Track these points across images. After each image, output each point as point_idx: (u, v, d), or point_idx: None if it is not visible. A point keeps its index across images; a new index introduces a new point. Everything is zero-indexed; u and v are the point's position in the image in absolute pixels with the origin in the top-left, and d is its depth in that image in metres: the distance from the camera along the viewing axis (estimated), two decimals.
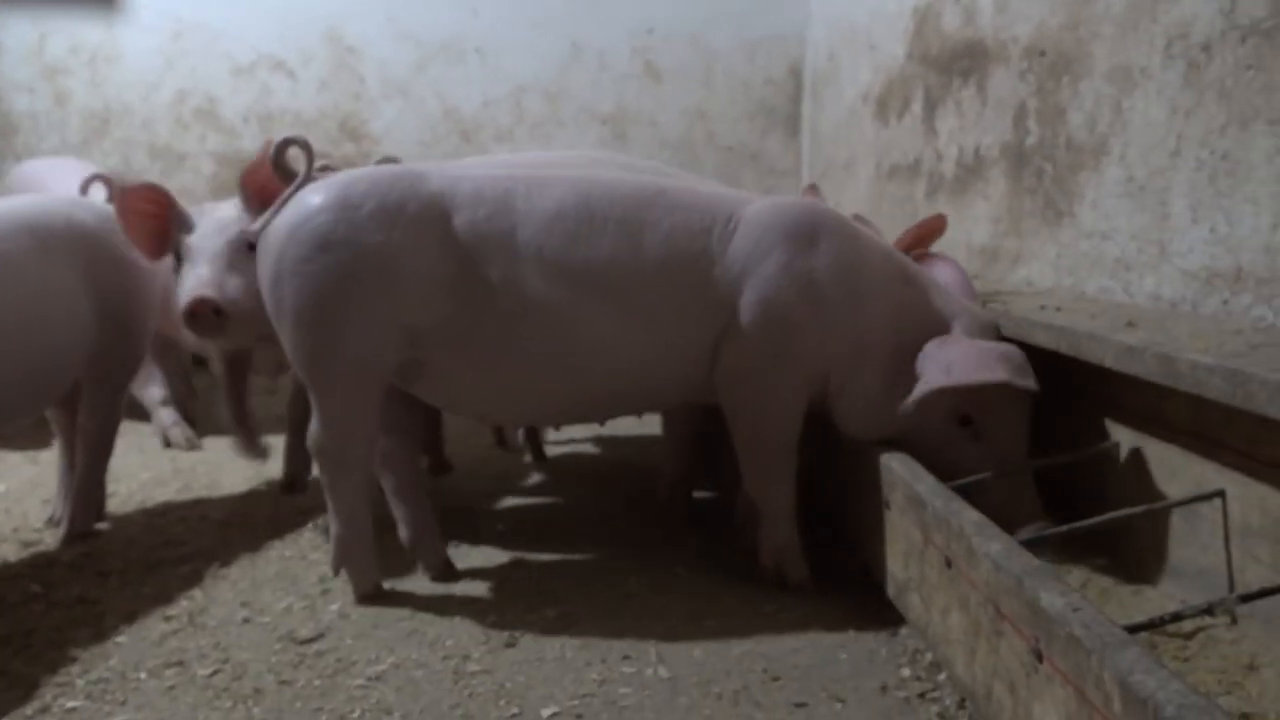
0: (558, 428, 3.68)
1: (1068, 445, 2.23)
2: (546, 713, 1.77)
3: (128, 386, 2.83)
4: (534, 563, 2.55)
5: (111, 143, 5.74)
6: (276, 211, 2.24)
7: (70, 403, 2.74)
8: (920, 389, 2.10)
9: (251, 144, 5.58)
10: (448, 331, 2.17)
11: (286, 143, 2.65)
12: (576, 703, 1.80)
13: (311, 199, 2.18)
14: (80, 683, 1.89)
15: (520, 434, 3.60)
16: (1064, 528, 1.87)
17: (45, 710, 1.79)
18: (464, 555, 2.59)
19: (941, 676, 1.85)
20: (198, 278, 2.46)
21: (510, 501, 3.07)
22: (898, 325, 2.20)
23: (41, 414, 2.68)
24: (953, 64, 3.52)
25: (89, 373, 2.66)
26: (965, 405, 2.15)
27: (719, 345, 2.21)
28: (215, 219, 2.58)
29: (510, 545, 2.67)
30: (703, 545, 2.62)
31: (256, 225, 2.28)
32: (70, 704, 1.82)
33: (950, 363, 2.07)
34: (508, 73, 5.74)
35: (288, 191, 2.31)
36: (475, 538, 2.73)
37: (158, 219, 2.57)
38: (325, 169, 3.10)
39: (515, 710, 1.78)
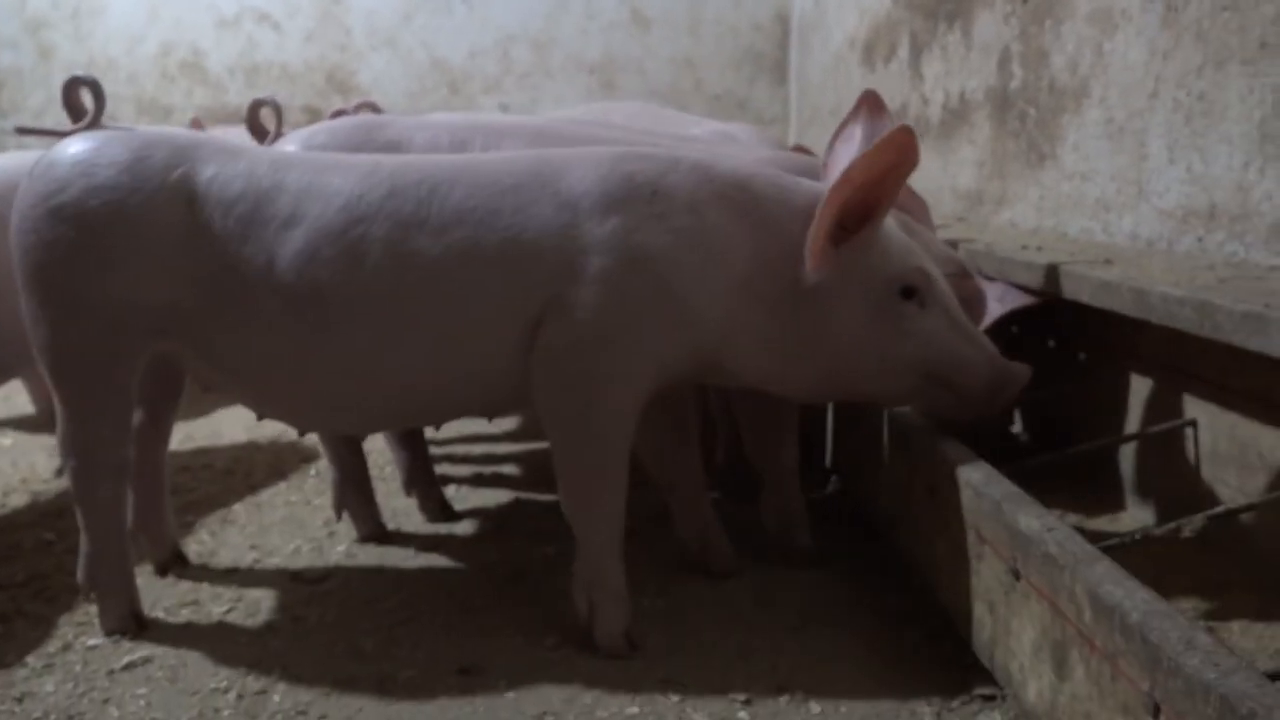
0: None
1: (1049, 382, 2.30)
2: (550, 642, 1.85)
3: None
4: (531, 503, 2.63)
5: None
6: None
7: None
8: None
9: (238, 98, 5.58)
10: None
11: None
12: (579, 632, 1.88)
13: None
14: (99, 622, 1.96)
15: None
16: (1045, 458, 1.94)
17: (67, 648, 1.87)
18: (463, 497, 2.66)
19: None
20: None
21: (508, 445, 3.14)
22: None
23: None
24: (938, 8, 3.54)
25: None
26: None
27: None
28: None
29: (508, 486, 2.75)
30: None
31: None
32: (91, 642, 1.89)
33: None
34: (495, 22, 5.73)
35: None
36: (475, 480, 2.80)
37: None
38: (362, 107, 3.13)
39: (520, 640, 1.86)
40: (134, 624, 1.93)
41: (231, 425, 3.39)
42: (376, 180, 1.80)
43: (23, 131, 2.96)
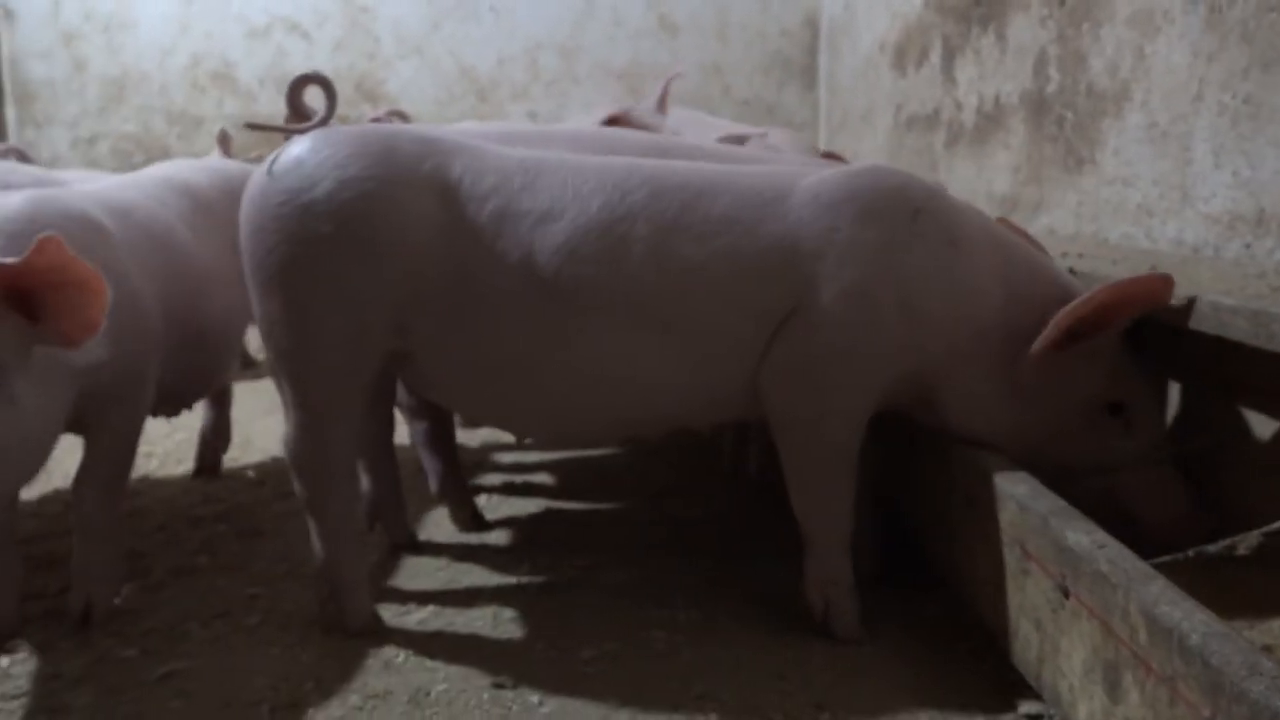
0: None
1: None
2: (586, 654, 1.83)
3: None
4: (563, 513, 2.61)
5: (130, 109, 5.77)
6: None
7: None
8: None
9: (268, 107, 5.61)
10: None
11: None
12: (614, 645, 1.86)
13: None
14: (133, 632, 1.95)
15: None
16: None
17: (101, 660, 1.86)
18: (494, 506, 2.65)
19: None
20: None
21: (537, 454, 3.12)
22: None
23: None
24: (971, 11, 3.49)
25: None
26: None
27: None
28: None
29: (538, 496, 2.73)
30: (725, 505, 2.67)
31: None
32: (125, 653, 1.88)
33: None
34: (523, 30, 5.73)
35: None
36: (506, 489, 2.79)
37: None
38: (392, 115, 3.11)
39: (554, 654, 1.84)
40: (377, 623, 1.95)
41: (262, 435, 3.39)
42: (637, 181, 1.83)
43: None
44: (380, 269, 1.78)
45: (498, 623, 1.98)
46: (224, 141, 3.96)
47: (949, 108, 3.76)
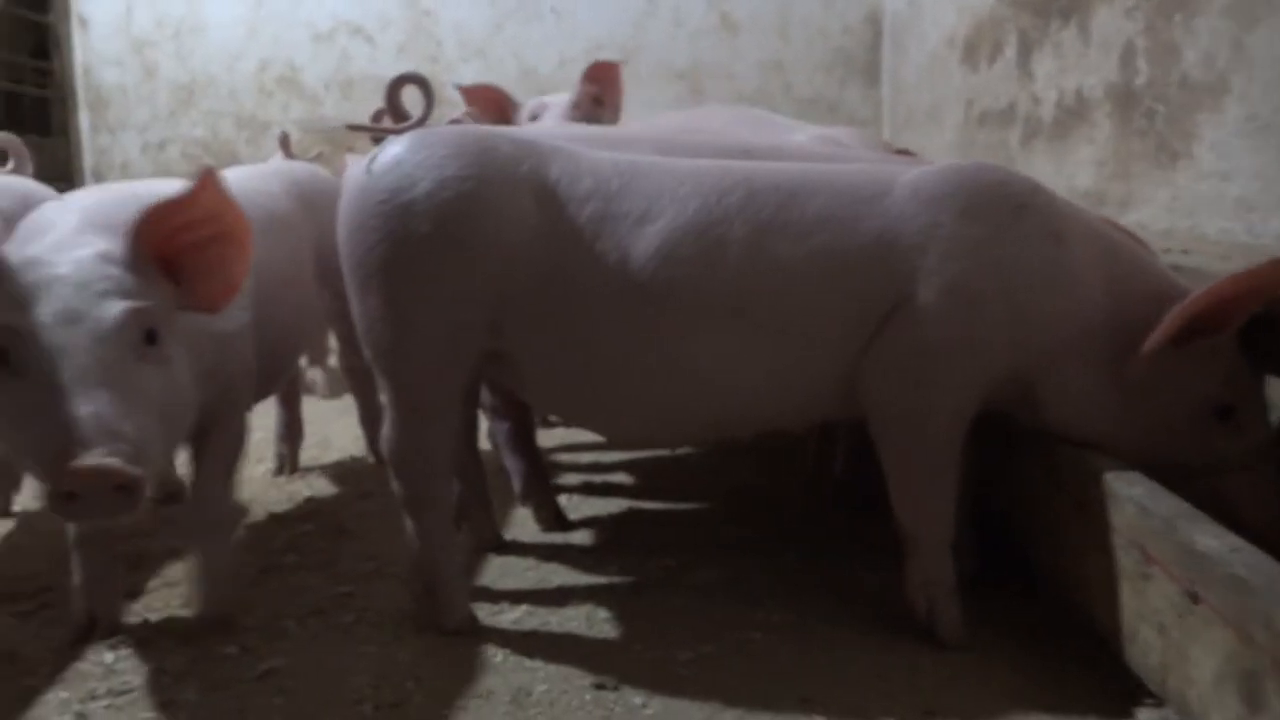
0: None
1: None
2: (683, 656, 1.81)
3: None
4: (644, 513, 2.60)
5: (199, 113, 5.86)
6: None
7: None
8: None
9: (333, 110, 5.67)
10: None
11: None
12: (710, 647, 1.84)
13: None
14: (231, 629, 1.97)
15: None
16: None
17: (202, 657, 1.87)
18: (574, 506, 2.64)
19: None
20: None
21: (615, 454, 3.11)
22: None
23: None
24: (1050, 4, 3.43)
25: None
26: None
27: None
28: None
29: (618, 496, 2.72)
30: (809, 506, 2.64)
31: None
32: (224, 650, 1.89)
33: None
34: (584, 31, 5.74)
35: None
36: (585, 489, 2.78)
37: None
38: (466, 117, 3.13)
39: (652, 655, 1.82)
40: (472, 622, 1.94)
41: (340, 435, 3.42)
42: (733, 183, 1.83)
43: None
44: (477, 268, 1.78)
45: (592, 623, 1.97)
46: (285, 143, 4.00)
47: (1025, 102, 3.69)
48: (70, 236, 1.58)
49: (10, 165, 3.14)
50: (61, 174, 5.37)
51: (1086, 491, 1.68)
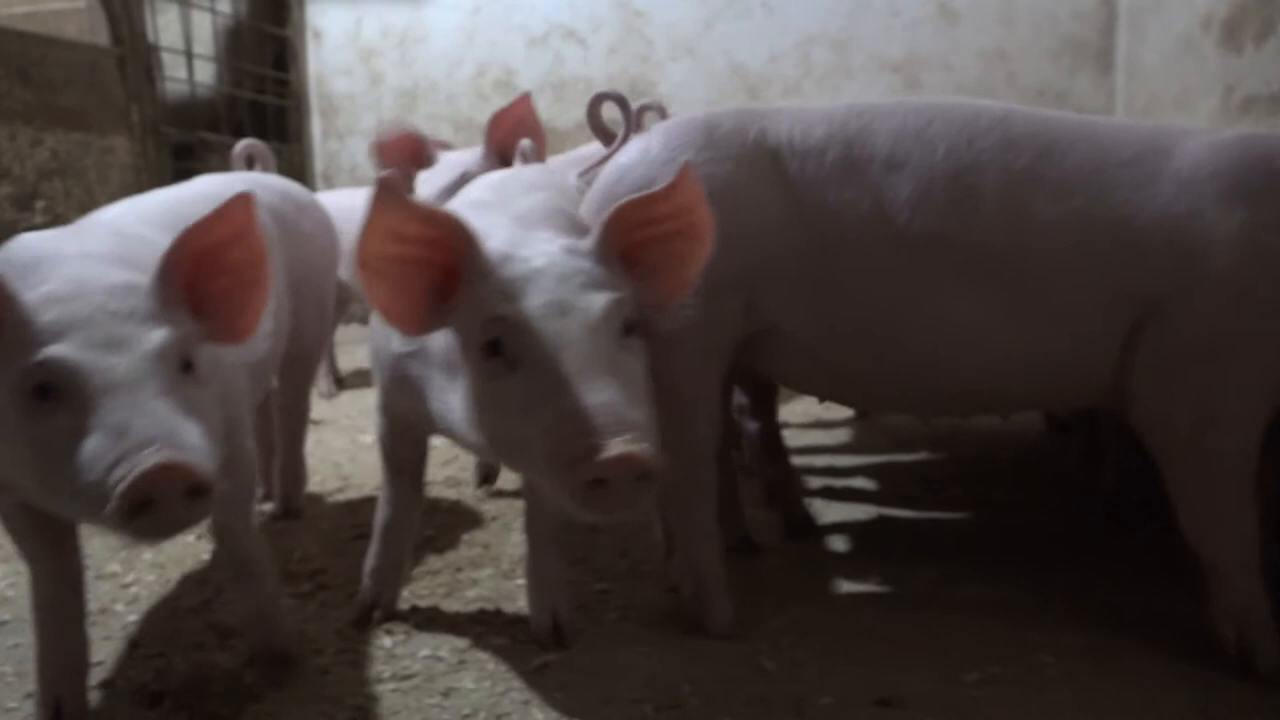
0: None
1: None
2: (970, 677, 1.71)
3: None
4: (894, 520, 2.50)
5: (420, 118, 6.10)
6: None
7: None
8: None
9: (545, 113, 5.75)
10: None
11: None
12: (998, 668, 1.73)
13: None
14: (497, 620, 2.00)
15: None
16: None
17: (475, 645, 1.90)
18: (817, 512, 2.57)
19: None
20: None
21: (855, 458, 3.03)
22: None
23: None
24: None
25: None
26: None
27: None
28: (447, 159, 2.63)
29: (862, 502, 2.64)
30: (1077, 520, 2.48)
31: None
32: (496, 641, 1.91)
33: None
34: (794, 24, 5.64)
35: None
36: (825, 493, 2.71)
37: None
38: (645, 109, 3.14)
39: (935, 674, 1.73)
40: (739, 626, 1.90)
41: None
42: (983, 127, 1.72)
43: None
44: (728, 248, 1.68)
45: (862, 634, 1.89)
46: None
47: None
48: (521, 234, 1.53)
49: (258, 168, 3.33)
50: (297, 177, 5.68)
51: None
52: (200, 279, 1.43)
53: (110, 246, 1.57)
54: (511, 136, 2.65)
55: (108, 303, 1.33)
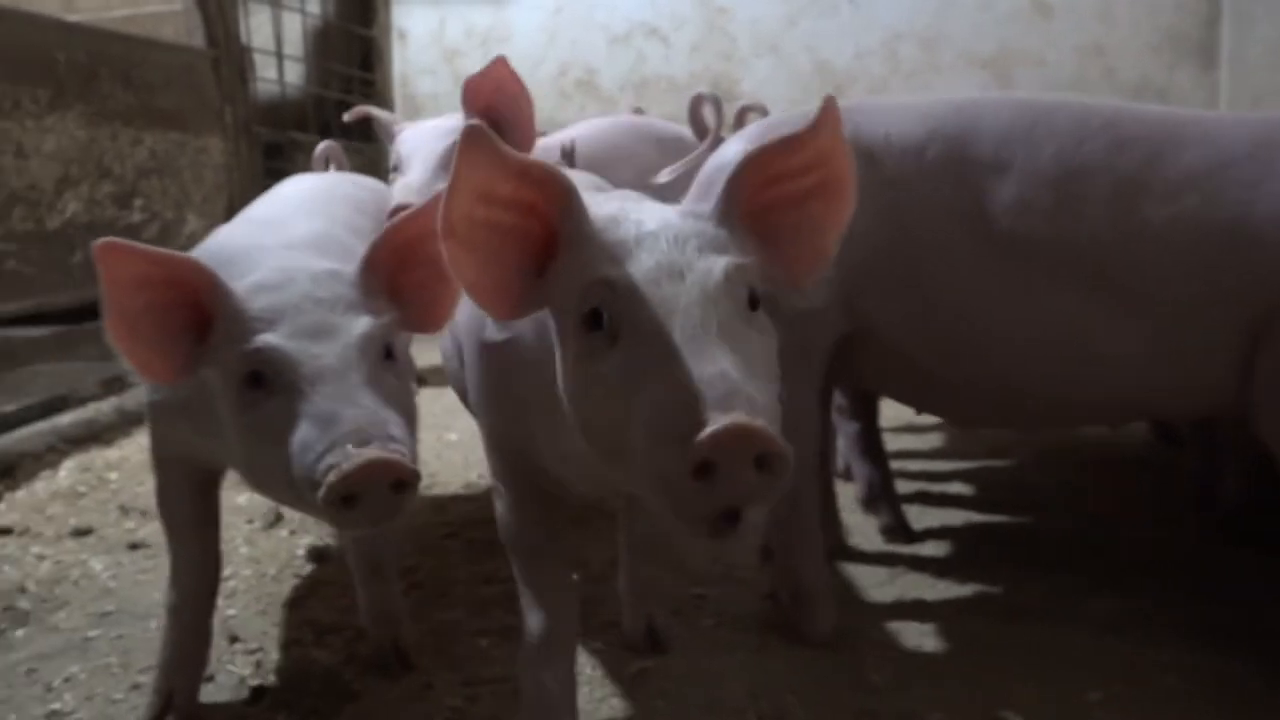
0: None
1: None
2: (1093, 697, 1.63)
3: None
4: (996, 527, 2.42)
5: None
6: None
7: None
8: None
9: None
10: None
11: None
12: (1121, 688, 1.65)
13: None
14: (591, 624, 1.96)
15: None
16: None
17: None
18: (914, 517, 2.49)
19: None
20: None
21: (950, 463, 2.94)
22: None
23: None
24: None
25: None
26: None
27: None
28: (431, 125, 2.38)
29: (959, 508, 2.55)
30: (1193, 536, 2.37)
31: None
32: (590, 644, 1.89)
33: None
34: (881, 20, 5.54)
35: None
36: (921, 498, 2.63)
37: None
38: (747, 110, 3.11)
39: (1052, 692, 1.65)
40: (840, 635, 1.85)
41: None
42: (1093, 129, 1.65)
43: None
44: None
45: (974, 647, 1.82)
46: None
47: None
48: (634, 200, 1.40)
49: (334, 169, 3.36)
50: (381, 177, 5.76)
51: None
52: (400, 270, 1.45)
53: (305, 236, 1.64)
54: (492, 103, 2.33)
55: (314, 290, 1.35)
